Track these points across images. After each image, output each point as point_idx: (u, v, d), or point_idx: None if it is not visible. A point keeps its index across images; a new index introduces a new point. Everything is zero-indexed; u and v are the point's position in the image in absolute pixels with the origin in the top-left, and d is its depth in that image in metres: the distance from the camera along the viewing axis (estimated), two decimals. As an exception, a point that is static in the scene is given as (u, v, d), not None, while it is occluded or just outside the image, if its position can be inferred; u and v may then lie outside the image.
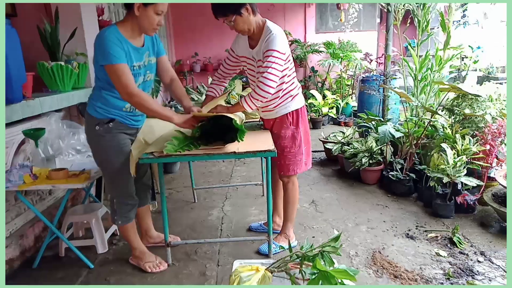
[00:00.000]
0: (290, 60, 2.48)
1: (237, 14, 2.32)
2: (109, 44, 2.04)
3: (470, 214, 3.21)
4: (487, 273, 2.41)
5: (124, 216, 2.47)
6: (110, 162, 2.33)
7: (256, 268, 1.66)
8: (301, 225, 3.15)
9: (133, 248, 2.62)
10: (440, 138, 3.47)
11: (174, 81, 2.51)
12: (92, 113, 2.26)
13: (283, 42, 2.34)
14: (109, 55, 2.04)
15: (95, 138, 2.30)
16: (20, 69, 2.54)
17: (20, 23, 3.39)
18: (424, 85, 3.77)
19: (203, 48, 8.39)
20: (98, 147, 2.33)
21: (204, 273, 2.53)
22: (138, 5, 2.06)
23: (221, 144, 2.32)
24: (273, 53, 2.30)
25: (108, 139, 2.28)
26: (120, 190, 2.42)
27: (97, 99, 2.26)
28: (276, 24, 2.44)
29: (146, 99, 2.16)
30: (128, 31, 2.15)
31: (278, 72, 2.32)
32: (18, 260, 2.68)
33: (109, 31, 2.09)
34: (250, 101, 2.35)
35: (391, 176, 3.71)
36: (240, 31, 2.43)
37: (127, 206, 2.47)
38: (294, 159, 2.61)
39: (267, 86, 2.29)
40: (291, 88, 2.53)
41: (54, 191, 3.08)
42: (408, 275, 2.42)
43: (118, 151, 2.32)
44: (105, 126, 2.25)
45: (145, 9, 2.07)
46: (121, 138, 2.33)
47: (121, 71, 2.07)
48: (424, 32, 3.72)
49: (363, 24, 8.20)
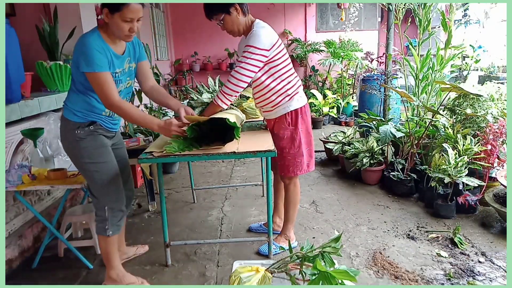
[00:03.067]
0: (284, 58, 2.45)
1: (225, 13, 2.33)
2: (93, 52, 1.96)
3: (471, 214, 3.20)
4: (488, 274, 2.40)
5: (116, 225, 2.28)
6: (98, 164, 2.19)
7: (256, 269, 1.66)
8: (301, 225, 3.13)
9: (111, 267, 2.35)
10: (441, 138, 3.46)
11: (153, 88, 2.40)
12: (71, 118, 2.13)
13: (263, 38, 2.32)
14: (92, 63, 1.95)
15: (75, 143, 2.15)
16: (19, 68, 2.54)
17: (19, 23, 3.40)
18: (425, 84, 3.75)
19: (203, 47, 8.39)
20: (81, 151, 2.16)
21: (204, 274, 2.52)
22: (105, 12, 1.97)
23: (220, 144, 2.30)
24: (249, 48, 2.30)
25: (89, 140, 2.16)
26: (112, 194, 2.25)
27: (75, 103, 2.14)
28: (265, 23, 2.42)
29: (127, 108, 2.08)
30: (109, 36, 2.06)
31: (253, 67, 2.31)
32: (17, 261, 2.67)
33: (93, 37, 2.00)
34: (223, 96, 2.36)
35: (392, 177, 3.69)
36: (229, 31, 2.44)
37: (119, 213, 2.30)
38: (293, 160, 2.58)
39: (237, 80, 2.31)
40: (288, 87, 2.50)
41: (52, 192, 3.07)
42: (409, 275, 2.41)
43: (103, 151, 2.21)
44: (85, 129, 2.14)
45: (112, 17, 1.97)
46: (102, 138, 2.22)
47: (104, 80, 1.99)
48: (425, 31, 3.71)
49: (363, 23, 8.20)
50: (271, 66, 2.42)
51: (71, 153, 2.22)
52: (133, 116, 2.13)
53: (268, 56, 2.36)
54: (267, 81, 2.45)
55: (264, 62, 2.37)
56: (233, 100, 2.41)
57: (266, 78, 2.45)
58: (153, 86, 2.40)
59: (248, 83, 2.37)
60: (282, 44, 2.48)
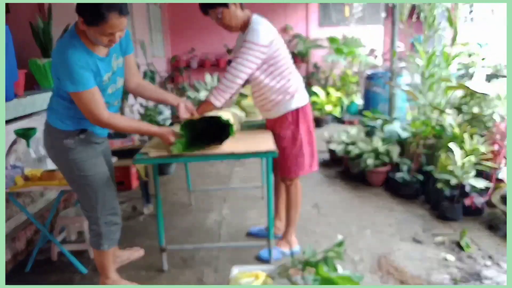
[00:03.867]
0: (283, 55, 2.41)
1: (224, 7, 2.28)
2: (75, 69, 1.77)
3: (479, 216, 3.15)
4: (495, 277, 2.37)
5: (110, 239, 2.17)
6: (90, 177, 2.05)
7: (256, 275, 1.67)
8: (303, 229, 3.07)
9: (105, 277, 2.28)
10: (448, 137, 3.40)
11: (141, 85, 2.25)
12: (58, 125, 1.98)
13: (262, 34, 2.27)
14: (77, 83, 1.78)
15: (64, 154, 2.00)
16: (12, 66, 2.50)
17: (12, 20, 3.38)
18: (431, 82, 3.69)
19: (201, 43, 8.30)
20: (69, 163, 2.01)
21: (201, 280, 2.48)
22: (80, 20, 1.75)
23: (218, 144, 2.22)
24: (247, 44, 2.26)
25: (80, 151, 2.01)
26: (107, 207, 2.13)
27: (61, 110, 1.97)
28: (263, 18, 2.38)
29: (118, 123, 1.96)
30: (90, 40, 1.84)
31: (251, 63, 2.27)
32: (10, 264, 2.64)
33: (73, 50, 1.79)
34: (217, 93, 2.30)
35: (397, 178, 3.63)
36: (226, 26, 2.38)
37: (115, 226, 2.19)
38: (295, 161, 2.54)
39: (233, 76, 2.26)
40: (288, 85, 2.44)
41: (46, 193, 3.04)
42: (415, 280, 2.37)
43: (95, 162, 2.08)
44: (76, 138, 1.99)
45: (88, 28, 1.76)
46: (93, 147, 2.09)
47: (90, 98, 1.82)
48: (431, 27, 3.65)
49: (368, 19, 8.08)
50: (270, 64, 2.37)
51: (59, 164, 2.08)
52: (127, 129, 2.05)
53: (267, 53, 2.31)
54: (266, 80, 2.40)
55: (263, 59, 2.32)
56: (227, 98, 2.34)
57: (265, 76, 2.40)
58: (139, 83, 2.26)
59: (244, 80, 2.32)
60: (282, 40, 2.43)
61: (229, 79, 2.28)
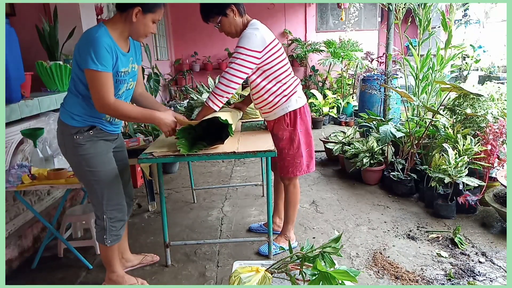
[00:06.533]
0: (280, 59, 2.41)
1: (222, 15, 2.32)
2: (102, 49, 1.87)
3: (472, 214, 3.20)
4: (488, 274, 2.40)
5: (114, 235, 2.21)
6: (97, 173, 2.10)
7: (256, 269, 1.66)
8: (301, 225, 3.13)
9: (111, 271, 2.32)
10: (441, 138, 3.45)
11: (142, 95, 2.35)
12: (69, 122, 2.04)
13: (254, 39, 2.28)
14: (99, 61, 1.86)
15: (74, 149, 2.06)
16: (18, 68, 2.53)
17: (19, 23, 3.39)
18: (425, 84, 3.75)
19: (203, 47, 8.39)
20: (79, 158, 2.07)
21: (204, 274, 2.52)
22: (136, 11, 1.94)
23: (220, 142, 2.28)
24: (239, 49, 2.28)
25: (89, 147, 2.06)
26: (113, 203, 2.18)
27: (73, 106, 2.04)
28: (261, 24, 2.40)
29: (122, 107, 1.99)
30: (116, 34, 1.98)
31: (244, 68, 2.29)
32: (17, 261, 2.67)
33: (101, 32, 1.90)
34: (214, 98, 2.33)
35: (392, 177, 3.69)
36: (227, 33, 2.43)
37: (119, 222, 2.22)
38: (293, 161, 2.57)
39: (228, 80, 2.28)
40: (285, 88, 2.47)
41: (52, 192, 3.06)
42: (409, 276, 2.40)
43: (103, 159, 2.12)
44: (85, 134, 2.05)
45: (143, 17, 1.96)
46: (102, 144, 2.13)
47: (104, 80, 1.90)
48: (425, 31, 3.70)
49: (364, 23, 8.20)
50: (265, 69, 2.39)
51: (69, 160, 2.14)
52: (130, 114, 2.05)
53: (261, 58, 2.33)
54: (263, 83, 2.43)
55: (257, 64, 2.34)
56: (224, 101, 2.38)
57: (262, 80, 2.43)
58: (141, 93, 2.36)
59: (239, 84, 2.34)
60: (279, 44, 2.44)
61: (224, 83, 2.30)
